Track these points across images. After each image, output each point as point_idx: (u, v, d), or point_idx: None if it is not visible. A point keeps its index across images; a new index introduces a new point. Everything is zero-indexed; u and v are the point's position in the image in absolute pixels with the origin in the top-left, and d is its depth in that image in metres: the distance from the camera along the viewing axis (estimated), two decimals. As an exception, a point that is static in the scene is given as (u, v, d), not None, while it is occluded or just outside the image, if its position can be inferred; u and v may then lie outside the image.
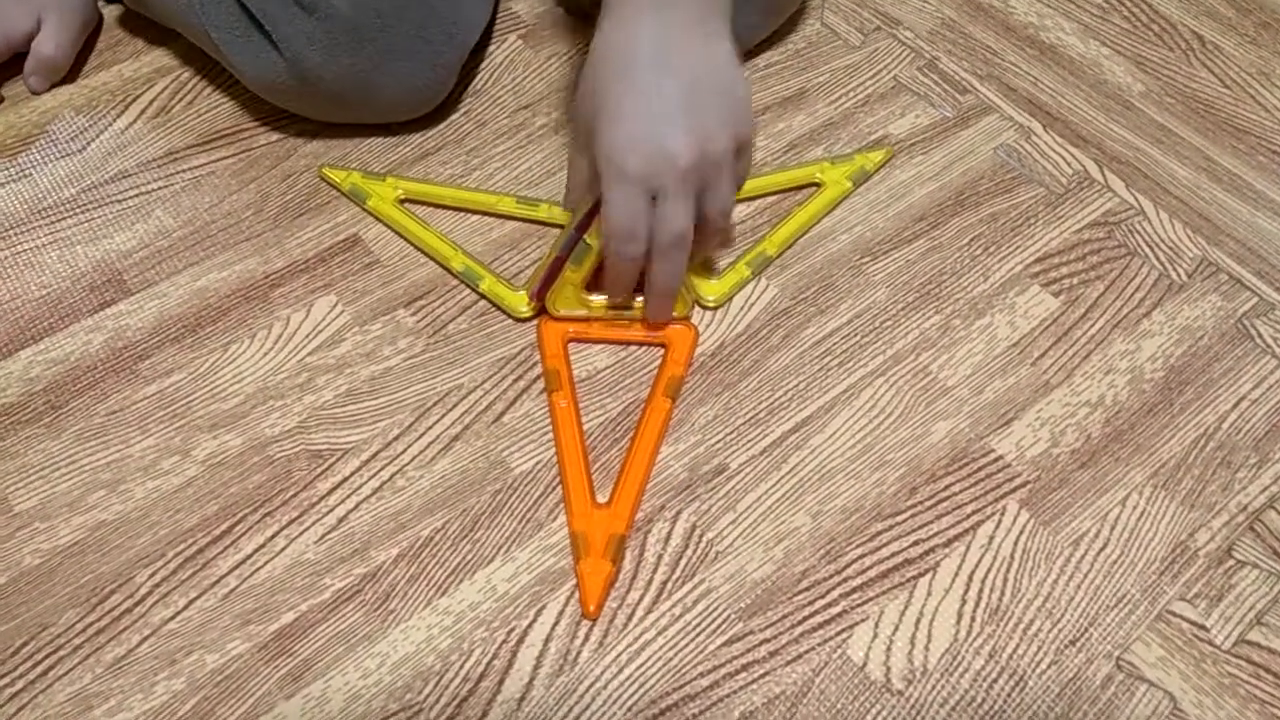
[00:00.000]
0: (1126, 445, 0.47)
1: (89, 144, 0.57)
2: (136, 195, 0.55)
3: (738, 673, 0.41)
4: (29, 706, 0.40)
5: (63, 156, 0.57)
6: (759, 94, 0.60)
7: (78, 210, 0.55)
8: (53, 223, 0.54)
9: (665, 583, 0.43)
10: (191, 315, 0.51)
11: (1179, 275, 0.53)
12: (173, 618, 0.42)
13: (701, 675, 0.41)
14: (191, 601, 0.42)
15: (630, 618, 0.42)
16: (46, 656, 0.41)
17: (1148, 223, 0.55)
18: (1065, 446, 0.47)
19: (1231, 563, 0.44)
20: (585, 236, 0.46)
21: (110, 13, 0.63)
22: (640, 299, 0.49)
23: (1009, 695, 0.41)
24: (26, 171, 0.56)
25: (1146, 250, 0.54)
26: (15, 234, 0.54)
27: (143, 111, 0.59)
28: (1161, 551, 0.44)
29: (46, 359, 0.49)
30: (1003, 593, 0.43)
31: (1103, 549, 0.44)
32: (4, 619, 0.42)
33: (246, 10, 0.50)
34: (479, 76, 0.61)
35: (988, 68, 0.62)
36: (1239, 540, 0.45)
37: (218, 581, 0.43)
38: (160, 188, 0.56)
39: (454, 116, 0.59)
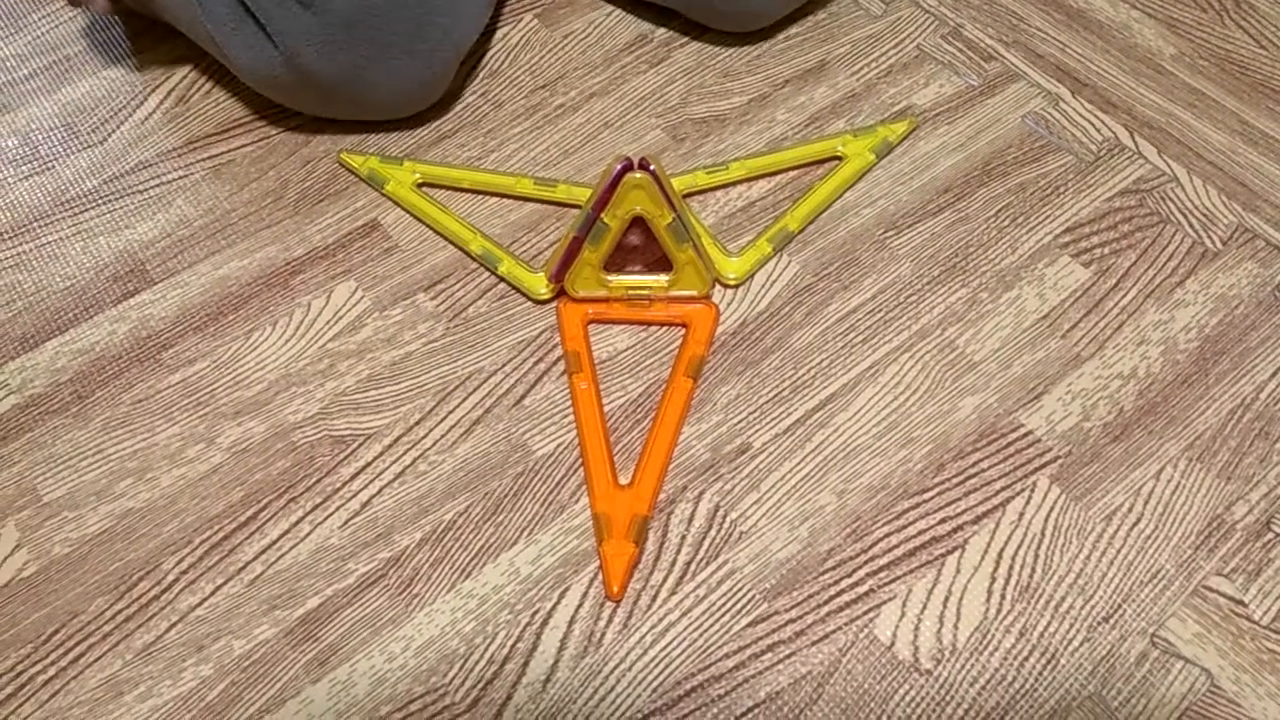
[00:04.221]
0: (1160, 418, 0.46)
1: (110, 135, 0.58)
2: (157, 185, 0.56)
3: (763, 653, 0.41)
4: (61, 693, 0.40)
5: (84, 148, 0.57)
6: (779, 67, 0.59)
7: (100, 201, 0.55)
8: (75, 214, 0.54)
9: (689, 564, 0.43)
10: (214, 304, 0.51)
11: (1213, 242, 0.52)
12: (200, 604, 0.42)
13: (727, 656, 0.41)
14: (218, 588, 0.43)
15: (654, 599, 0.42)
16: (77, 644, 0.42)
17: (1181, 189, 0.54)
18: (1097, 420, 0.46)
19: (1270, 536, 0.43)
20: (603, 216, 0.45)
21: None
22: (660, 277, 0.49)
23: (1040, 673, 0.40)
24: (49, 164, 0.57)
25: (1179, 217, 0.52)
26: (39, 226, 0.54)
27: (162, 102, 0.59)
28: (1197, 525, 0.43)
29: (72, 350, 0.50)
30: (1033, 570, 0.42)
31: (1136, 524, 0.43)
32: (36, 607, 0.43)
33: (243, 3, 0.50)
34: (495, 57, 0.60)
35: (1013, 34, 0.61)
36: (1278, 513, 0.44)
37: (244, 567, 0.43)
38: (180, 177, 0.56)
39: (471, 98, 0.58)
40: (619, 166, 0.44)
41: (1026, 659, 0.40)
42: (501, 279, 0.51)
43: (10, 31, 0.63)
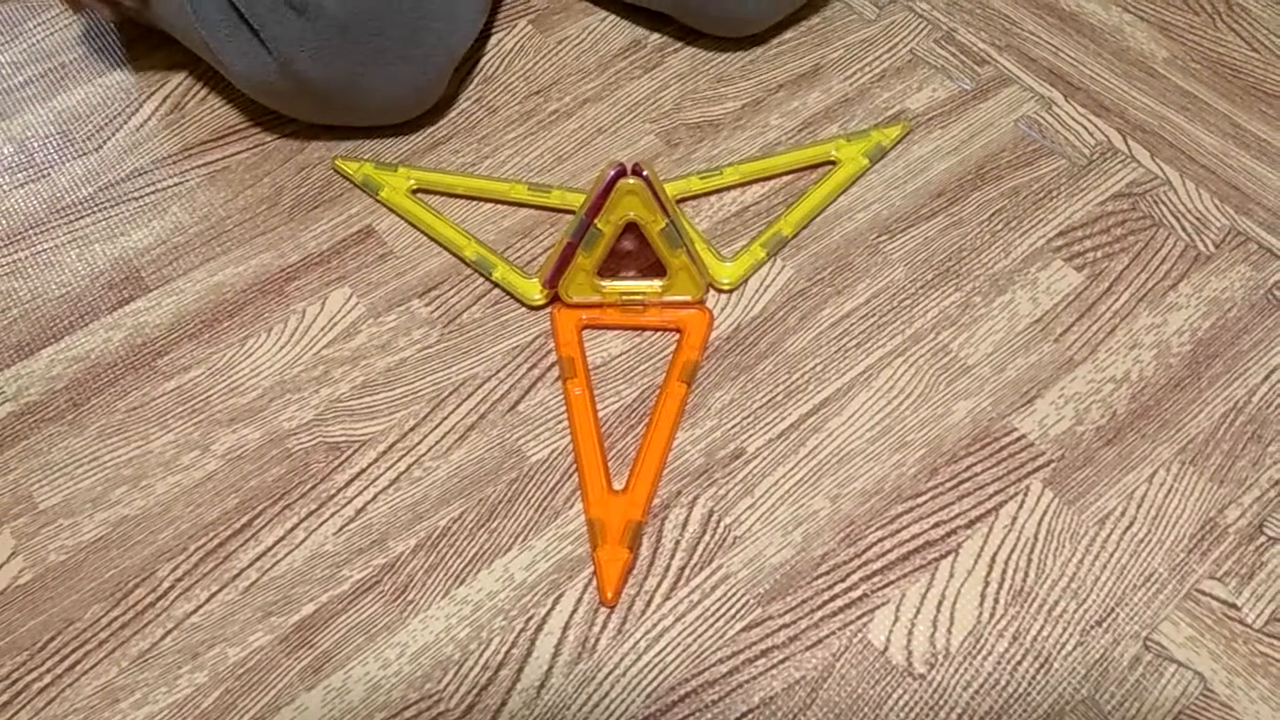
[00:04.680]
0: (1153, 421, 0.46)
1: (105, 142, 0.58)
2: (153, 192, 0.56)
3: (757, 658, 0.41)
4: (57, 700, 0.41)
5: (80, 155, 0.57)
6: (773, 72, 0.59)
7: (95, 209, 0.55)
8: (71, 222, 0.55)
9: (683, 569, 0.43)
10: (208, 311, 0.51)
11: (1206, 246, 0.52)
12: (195, 611, 0.42)
13: (720, 661, 0.41)
14: (213, 595, 0.43)
15: (648, 604, 0.42)
16: (73, 651, 0.42)
17: (1173, 193, 0.54)
18: (1090, 424, 0.46)
19: (1263, 539, 0.43)
20: (596, 221, 0.45)
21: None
22: (655, 282, 0.49)
23: (1034, 677, 0.40)
24: (44, 171, 0.57)
25: (1172, 221, 0.53)
26: (34, 234, 0.54)
27: (157, 108, 0.59)
28: (1190, 529, 0.43)
29: (67, 357, 0.50)
30: (1027, 574, 0.42)
31: (1129, 527, 0.43)
32: (31, 614, 0.43)
33: (236, 9, 0.50)
34: (490, 63, 0.61)
35: (1006, 38, 0.61)
36: (1270, 516, 0.44)
37: (238, 574, 0.43)
38: (176, 184, 0.56)
39: (465, 104, 0.59)
40: (612, 172, 0.44)
41: (1020, 663, 0.41)
42: (496, 285, 0.51)
43: (6, 39, 0.63)
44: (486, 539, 0.44)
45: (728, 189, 0.55)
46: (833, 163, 0.55)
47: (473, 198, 0.55)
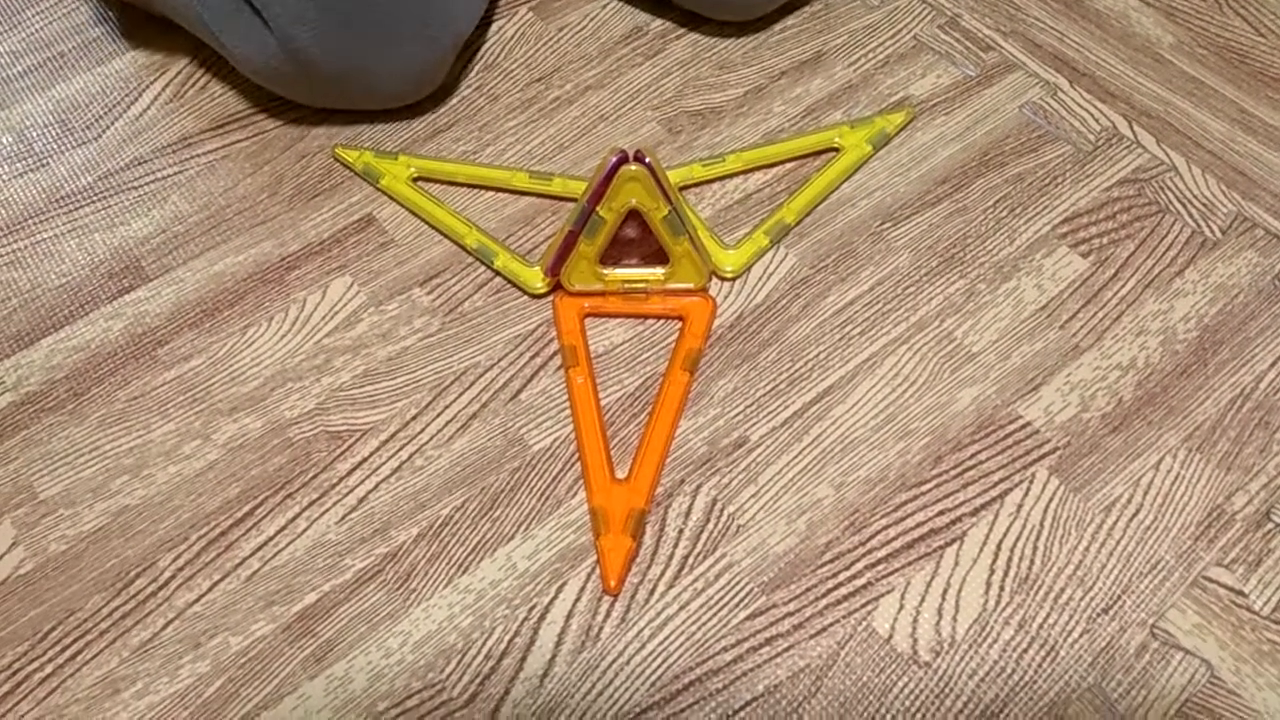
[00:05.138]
0: (1159, 408, 0.46)
1: (104, 131, 0.58)
2: (153, 181, 0.55)
3: (761, 646, 0.41)
4: (58, 690, 0.40)
5: (79, 145, 0.57)
6: (775, 59, 0.59)
7: (95, 198, 0.55)
8: (70, 211, 0.54)
9: (686, 557, 0.43)
10: (209, 300, 0.51)
11: (1213, 232, 0.51)
12: (197, 600, 0.42)
13: (725, 649, 0.41)
14: (215, 584, 0.43)
15: (652, 593, 0.42)
16: (74, 641, 0.42)
17: (1179, 179, 0.53)
18: (1096, 411, 0.46)
19: (1270, 526, 0.43)
20: (598, 209, 0.45)
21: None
22: (656, 270, 0.48)
23: (1040, 665, 0.40)
24: (44, 161, 0.56)
25: (1178, 207, 0.52)
26: (34, 223, 0.54)
27: (157, 97, 0.59)
28: (1197, 516, 0.43)
29: (67, 347, 0.50)
30: (1032, 561, 0.42)
31: (1135, 514, 0.43)
32: (32, 604, 0.42)
33: None
34: (490, 51, 0.60)
35: (1011, 23, 0.60)
36: (1278, 503, 0.43)
37: (240, 564, 0.43)
38: (176, 173, 0.56)
39: (466, 92, 0.58)
40: (614, 159, 0.44)
41: (1026, 650, 0.40)
42: (497, 273, 0.51)
43: (4, 28, 0.63)
44: (489, 528, 0.44)
45: (730, 176, 0.54)
46: (836, 149, 0.55)
47: (474, 186, 0.54)
